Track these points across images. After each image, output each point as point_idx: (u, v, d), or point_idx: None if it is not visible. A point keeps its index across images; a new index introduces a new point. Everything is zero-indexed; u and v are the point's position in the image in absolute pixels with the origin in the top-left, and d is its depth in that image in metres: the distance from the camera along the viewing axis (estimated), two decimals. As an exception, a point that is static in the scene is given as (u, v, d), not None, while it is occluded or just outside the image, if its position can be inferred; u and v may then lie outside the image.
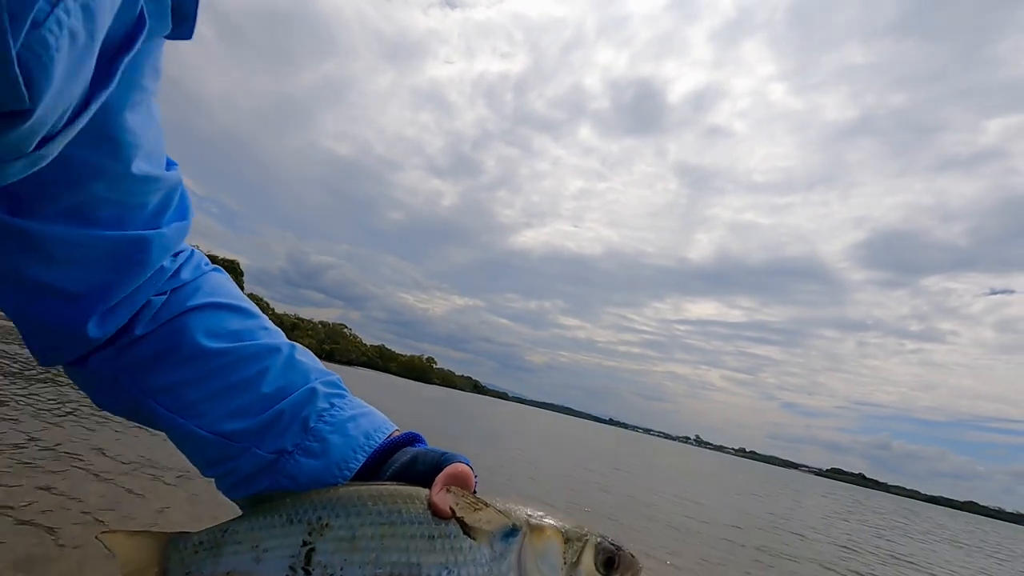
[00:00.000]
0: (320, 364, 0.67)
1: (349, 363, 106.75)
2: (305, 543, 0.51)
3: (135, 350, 0.59)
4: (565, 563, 0.50)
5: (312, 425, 0.59)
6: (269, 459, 0.58)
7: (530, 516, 0.53)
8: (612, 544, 0.52)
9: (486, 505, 0.51)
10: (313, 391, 0.61)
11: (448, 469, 0.54)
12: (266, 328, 0.65)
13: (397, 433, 0.65)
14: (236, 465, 0.58)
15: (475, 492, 0.55)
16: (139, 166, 0.49)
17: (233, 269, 67.77)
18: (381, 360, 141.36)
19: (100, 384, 0.62)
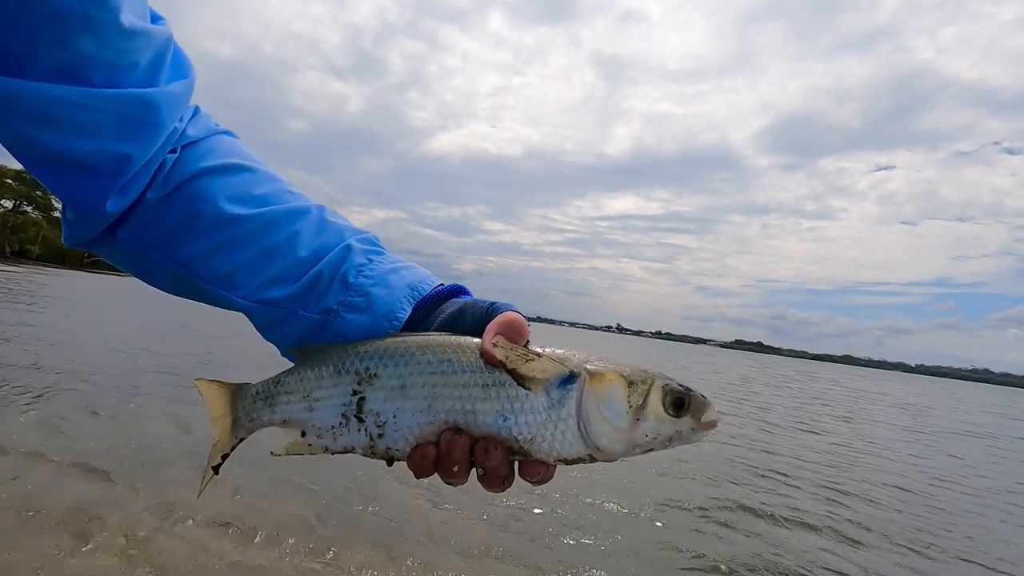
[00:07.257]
0: (352, 223, 0.66)
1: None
2: (355, 392, 0.53)
3: (157, 220, 0.58)
4: (631, 406, 0.49)
5: (352, 281, 0.59)
6: (317, 320, 0.59)
7: (589, 363, 0.51)
8: (680, 385, 0.50)
9: (538, 356, 0.50)
10: (348, 248, 0.61)
11: (500, 318, 0.53)
12: (291, 191, 0.64)
13: (442, 285, 0.63)
14: (287, 330, 0.60)
15: (527, 343, 0.53)
16: (127, 18, 0.46)
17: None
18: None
19: (134, 261, 0.62)
